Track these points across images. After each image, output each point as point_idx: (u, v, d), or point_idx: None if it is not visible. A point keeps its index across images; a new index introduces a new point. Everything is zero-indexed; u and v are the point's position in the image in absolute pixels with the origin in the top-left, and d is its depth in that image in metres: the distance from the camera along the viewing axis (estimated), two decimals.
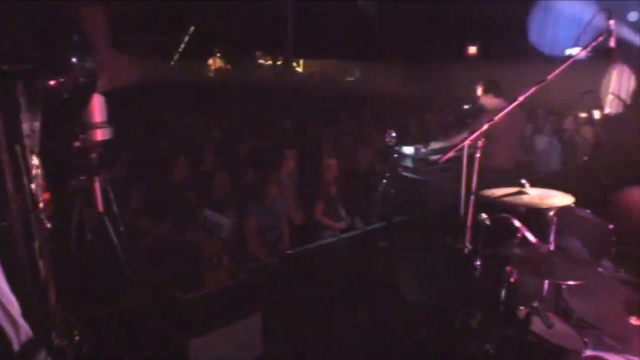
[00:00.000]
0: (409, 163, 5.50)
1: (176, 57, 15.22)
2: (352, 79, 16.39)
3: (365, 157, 6.03)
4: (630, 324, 2.77)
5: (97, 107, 2.86)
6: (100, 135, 2.87)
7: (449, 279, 3.75)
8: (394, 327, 3.75)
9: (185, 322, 3.10)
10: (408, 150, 5.57)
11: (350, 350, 3.63)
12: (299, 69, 17.62)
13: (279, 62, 16.22)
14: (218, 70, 13.67)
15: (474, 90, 5.13)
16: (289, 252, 4.93)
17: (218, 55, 13.84)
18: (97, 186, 2.92)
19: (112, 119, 2.94)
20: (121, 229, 2.99)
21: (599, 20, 2.77)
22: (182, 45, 15.29)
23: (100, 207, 2.94)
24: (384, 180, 4.85)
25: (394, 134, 4.72)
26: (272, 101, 10.40)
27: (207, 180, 5.44)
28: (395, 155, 5.11)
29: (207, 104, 10.04)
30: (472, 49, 13.49)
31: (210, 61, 13.80)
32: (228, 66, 14.09)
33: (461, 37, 13.10)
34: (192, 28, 15.26)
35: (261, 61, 18.02)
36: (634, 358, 2.37)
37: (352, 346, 3.66)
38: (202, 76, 13.08)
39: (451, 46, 12.96)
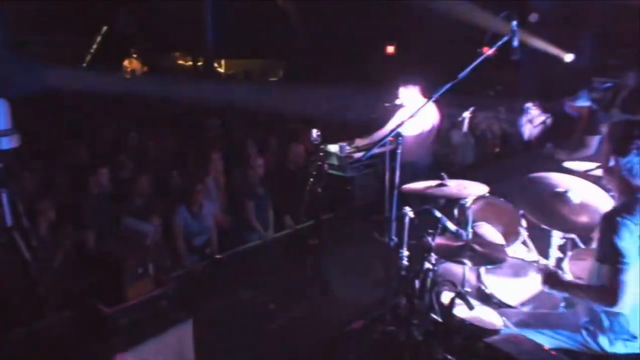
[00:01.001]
0: (334, 161, 5.59)
1: (88, 58, 14.40)
2: (275, 78, 16.37)
3: (295, 156, 6.05)
4: (543, 301, 3.01)
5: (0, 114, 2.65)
6: (5, 144, 2.66)
7: (377, 272, 3.86)
8: (327, 323, 3.81)
9: (110, 337, 2.96)
10: (333, 148, 5.66)
11: (285, 351, 3.64)
12: (221, 70, 17.31)
13: (199, 63, 15.84)
14: (134, 72, 13.08)
15: (394, 88, 5.31)
16: (218, 256, 4.85)
17: (134, 56, 13.24)
18: (4, 199, 2.71)
19: (20, 126, 2.74)
20: (34, 243, 2.79)
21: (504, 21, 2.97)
22: (95, 47, 14.48)
23: (9, 221, 2.73)
24: (311, 179, 4.89)
25: (318, 133, 4.77)
26: (194, 102, 10.13)
27: (128, 186, 5.21)
28: (321, 154, 5.16)
29: (124, 108, 9.60)
30: (390, 48, 13.95)
31: (126, 63, 13.18)
32: (145, 68, 13.53)
33: (381, 35, 13.50)
34: (104, 28, 14.50)
35: (181, 62, 17.50)
36: (546, 331, 2.56)
37: (287, 346, 3.66)
38: (118, 78, 12.46)
39: (372, 44, 13.33)
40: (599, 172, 2.96)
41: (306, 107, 10.26)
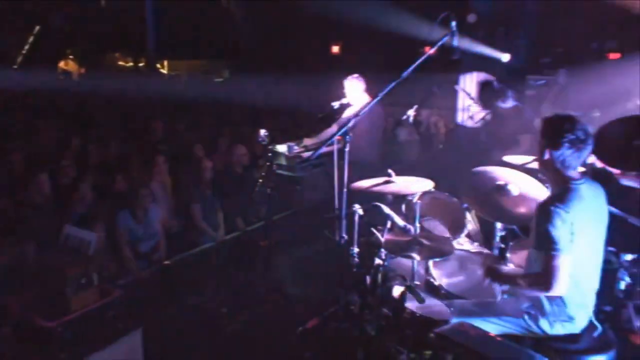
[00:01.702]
0: (282, 161, 5.58)
1: (20, 60, 13.63)
2: (220, 79, 16.13)
3: (241, 157, 5.99)
4: (488, 289, 3.13)
5: None
6: None
7: (329, 270, 3.89)
8: (280, 323, 3.80)
9: (53, 353, 2.83)
10: (281, 148, 5.65)
11: (240, 354, 3.60)
12: (164, 71, 16.86)
13: (141, 64, 15.36)
14: (71, 73, 12.51)
15: (341, 88, 5.37)
16: (166, 262, 4.73)
17: (70, 57, 12.65)
18: None
19: None
20: None
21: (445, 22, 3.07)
22: (27, 47, 13.73)
23: None
24: (260, 180, 4.87)
25: (266, 133, 4.75)
26: (136, 104, 9.82)
27: (68, 193, 4.97)
28: (269, 154, 5.14)
29: (62, 111, 9.17)
30: (336, 48, 14.08)
31: (62, 64, 12.57)
32: (82, 70, 12.97)
33: (325, 36, 13.59)
34: (37, 27, 13.77)
35: (121, 63, 16.90)
36: (491, 318, 2.68)
37: (242, 349, 3.63)
38: (53, 80, 11.85)
39: (316, 45, 13.40)
40: (535, 165, 3.12)
41: (252, 107, 10.20)
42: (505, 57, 10.30)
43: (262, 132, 4.81)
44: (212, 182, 5.46)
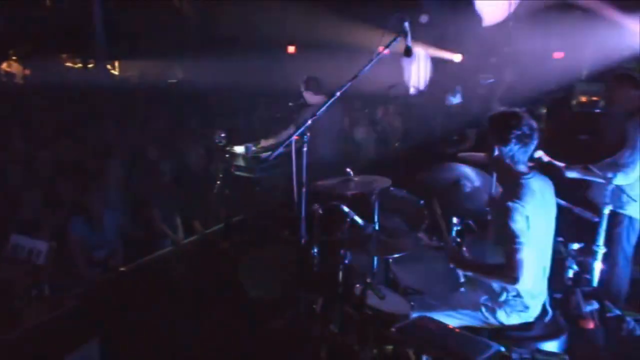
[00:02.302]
0: (241, 162, 5.53)
1: None
2: (174, 80, 15.79)
3: (197, 158, 5.90)
4: (446, 282, 3.22)
5: None
6: None
7: (290, 270, 3.89)
8: (242, 325, 3.77)
9: None
10: (239, 149, 5.60)
11: (200, 359, 3.55)
12: (115, 72, 16.34)
13: (90, 65, 14.83)
14: (14, 76, 11.96)
15: (297, 87, 5.38)
16: (122, 269, 4.60)
17: (14, 58, 12.08)
18: None
19: None
20: None
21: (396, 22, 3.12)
22: None
23: None
24: (218, 182, 4.81)
25: (223, 134, 4.70)
26: (87, 107, 9.49)
27: (14, 199, 4.76)
28: (227, 156, 5.09)
29: (5, 114, 8.73)
30: (291, 48, 14.05)
31: (4, 66, 11.99)
32: (26, 71, 12.41)
33: (281, 36, 13.53)
34: None
35: (69, 64, 16.26)
36: (450, 312, 2.75)
37: (205, 354, 3.57)
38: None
39: (272, 45, 13.32)
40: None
41: (208, 108, 10.05)
42: (457, 58, 10.59)
43: (219, 133, 4.76)
44: (169, 184, 5.35)
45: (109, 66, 14.98)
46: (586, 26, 7.85)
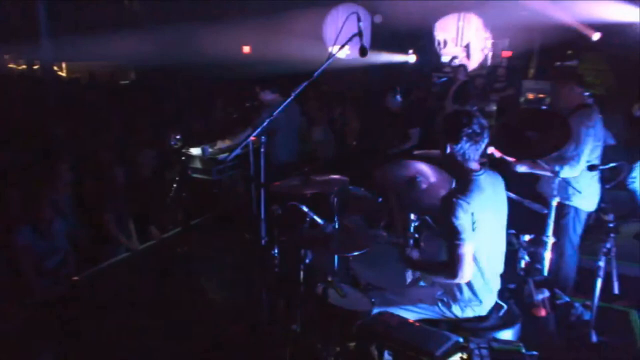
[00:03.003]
0: (197, 164, 5.45)
1: None
2: (126, 82, 15.36)
3: (151, 161, 5.75)
4: (404, 277, 3.28)
5: None
6: None
7: (251, 272, 3.86)
8: (204, 329, 3.71)
9: None
10: (195, 151, 5.51)
11: None
12: (62, 74, 15.73)
13: (35, 67, 14.20)
14: None
15: (254, 88, 5.34)
16: (75, 278, 4.43)
17: None
18: None
19: None
20: None
21: (352, 22, 3.15)
22: None
23: None
24: (174, 185, 4.71)
25: (178, 136, 4.61)
26: (31, 110, 9.08)
27: None
28: (183, 158, 4.99)
29: None
30: (246, 49, 13.93)
31: None
32: None
33: (237, 36, 13.40)
34: None
35: (12, 65, 15.54)
36: (409, 306, 2.81)
37: None
38: None
39: (227, 45, 13.16)
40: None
41: (162, 111, 9.82)
42: (411, 58, 10.81)
43: (174, 135, 4.67)
44: (123, 188, 5.19)
45: (55, 67, 14.39)
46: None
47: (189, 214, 4.94)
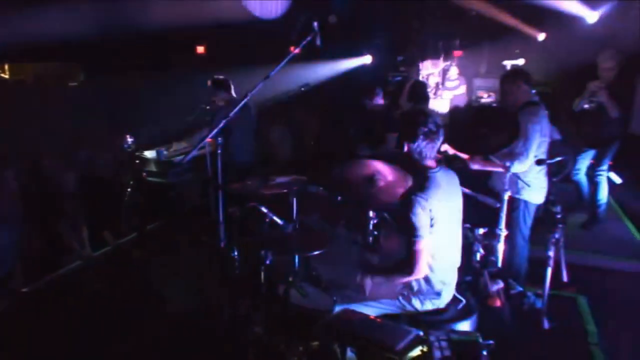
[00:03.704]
0: (152, 167, 5.32)
1: None
2: (75, 83, 14.79)
3: (104, 166, 5.58)
4: (363, 276, 3.31)
5: None
6: None
7: (211, 276, 3.81)
8: (162, 336, 3.63)
9: None
10: (150, 154, 5.38)
11: None
12: (5, 75, 14.96)
13: None
14: None
15: (209, 89, 5.25)
16: (24, 289, 4.24)
17: None
18: None
19: None
20: None
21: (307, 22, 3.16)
22: None
23: None
24: (129, 189, 4.59)
25: (131, 140, 4.49)
26: None
27: None
28: (137, 161, 4.86)
29: None
30: (200, 49, 13.70)
31: None
32: None
33: (191, 37, 13.13)
34: None
35: None
36: (370, 302, 2.84)
37: None
38: None
39: (181, 45, 12.89)
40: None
41: (114, 113, 9.52)
42: (367, 59, 10.90)
43: (127, 138, 4.54)
44: (74, 194, 5.01)
45: None
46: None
47: (145, 219, 4.82)
